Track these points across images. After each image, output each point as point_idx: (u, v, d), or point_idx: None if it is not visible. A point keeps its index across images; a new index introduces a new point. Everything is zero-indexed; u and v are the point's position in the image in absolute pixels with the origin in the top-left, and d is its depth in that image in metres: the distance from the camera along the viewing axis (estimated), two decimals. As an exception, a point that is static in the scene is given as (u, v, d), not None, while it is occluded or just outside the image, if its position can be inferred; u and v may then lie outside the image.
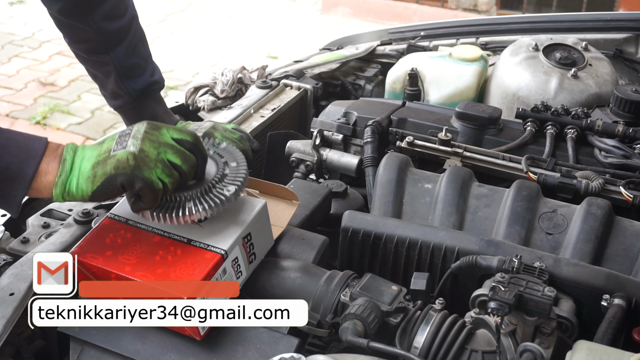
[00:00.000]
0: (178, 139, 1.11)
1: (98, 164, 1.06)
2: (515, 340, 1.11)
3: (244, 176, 1.18)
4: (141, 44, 1.54)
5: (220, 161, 1.21)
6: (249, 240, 1.20)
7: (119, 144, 1.07)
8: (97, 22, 1.44)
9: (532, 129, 1.78)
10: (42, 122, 4.39)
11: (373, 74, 2.43)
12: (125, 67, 1.50)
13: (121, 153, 1.05)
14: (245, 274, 1.21)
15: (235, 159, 1.22)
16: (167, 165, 1.07)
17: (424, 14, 6.20)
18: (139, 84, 1.52)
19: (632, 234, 1.38)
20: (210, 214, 1.14)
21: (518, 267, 1.18)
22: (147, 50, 1.56)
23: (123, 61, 1.49)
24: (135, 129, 1.09)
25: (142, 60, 1.53)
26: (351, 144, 1.86)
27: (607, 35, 2.45)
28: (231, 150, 1.24)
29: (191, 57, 5.49)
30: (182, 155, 1.09)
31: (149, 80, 1.53)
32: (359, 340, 1.08)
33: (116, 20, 1.46)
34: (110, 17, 1.45)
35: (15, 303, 1.16)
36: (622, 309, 1.14)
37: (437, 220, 1.45)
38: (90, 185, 1.06)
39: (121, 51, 1.48)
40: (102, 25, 1.44)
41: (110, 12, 1.45)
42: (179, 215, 1.12)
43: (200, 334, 1.12)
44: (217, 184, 1.16)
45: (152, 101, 1.56)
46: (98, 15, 1.43)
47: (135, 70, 1.51)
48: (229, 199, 1.14)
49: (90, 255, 1.14)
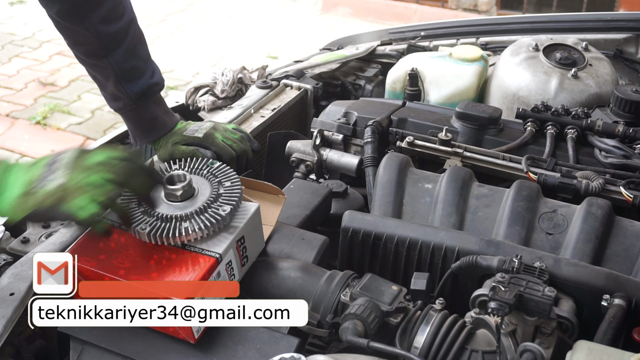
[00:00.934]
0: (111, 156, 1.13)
1: (26, 195, 1.06)
2: (516, 340, 1.11)
3: (238, 195, 1.20)
4: (140, 45, 1.53)
5: (214, 181, 1.22)
6: (242, 244, 1.20)
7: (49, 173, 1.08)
8: (95, 26, 1.43)
9: (532, 129, 1.78)
10: (42, 122, 4.40)
11: (373, 74, 2.43)
12: (124, 70, 1.49)
13: (49, 186, 1.06)
14: (237, 277, 1.21)
15: (229, 178, 1.23)
16: (97, 185, 1.08)
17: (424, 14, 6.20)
18: (138, 86, 1.51)
19: (632, 234, 1.38)
20: (206, 234, 1.15)
21: (518, 267, 1.18)
22: (146, 52, 1.56)
23: (121, 64, 1.48)
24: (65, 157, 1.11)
25: (141, 63, 1.53)
26: (351, 144, 1.86)
27: (608, 36, 2.45)
28: (224, 169, 1.25)
29: (191, 57, 5.50)
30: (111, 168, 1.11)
31: (148, 82, 1.53)
32: (359, 340, 1.08)
33: (114, 24, 1.46)
34: (108, 20, 1.45)
35: (15, 303, 1.16)
36: (622, 309, 1.14)
37: (437, 220, 1.45)
38: (18, 214, 1.07)
39: (119, 55, 1.48)
40: (100, 29, 1.44)
41: (107, 15, 1.44)
42: (175, 235, 1.13)
43: (195, 337, 1.11)
44: (212, 204, 1.17)
45: (152, 103, 1.56)
46: (95, 18, 1.43)
47: (134, 73, 1.51)
48: (224, 218, 1.15)
49: (83, 258, 1.14)
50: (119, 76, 1.49)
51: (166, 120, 1.58)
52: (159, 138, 1.57)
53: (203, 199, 1.18)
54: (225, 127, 1.60)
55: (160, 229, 1.13)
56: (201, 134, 1.55)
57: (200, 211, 1.16)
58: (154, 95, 1.55)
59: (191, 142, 1.54)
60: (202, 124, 1.58)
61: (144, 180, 1.16)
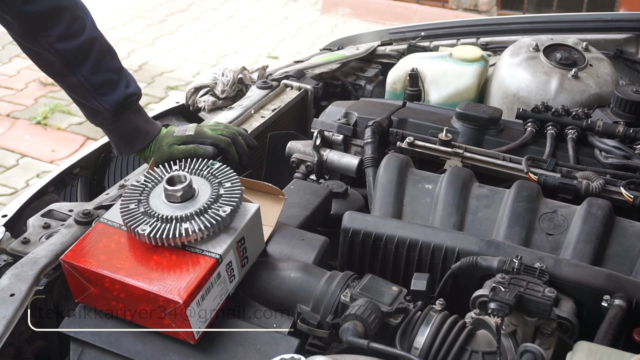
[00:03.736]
0: None
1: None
2: (516, 341, 1.11)
3: (238, 196, 1.20)
4: (109, 57, 1.50)
5: (214, 181, 1.22)
6: (243, 244, 1.20)
7: None
8: (52, 45, 1.40)
9: (533, 130, 1.78)
10: (42, 122, 4.39)
11: (373, 74, 2.43)
12: (95, 85, 1.46)
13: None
14: (238, 278, 1.21)
15: (229, 179, 1.23)
16: None
17: (425, 14, 6.19)
18: (114, 99, 1.48)
19: (633, 234, 1.38)
20: (206, 235, 1.15)
21: (518, 267, 1.18)
22: (116, 64, 1.52)
23: (91, 79, 1.45)
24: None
25: (112, 75, 1.50)
26: (351, 144, 1.86)
27: (608, 36, 2.45)
28: (225, 170, 1.25)
29: (191, 57, 5.49)
30: None
31: (125, 93, 1.50)
32: (359, 340, 1.08)
33: (73, 39, 1.43)
34: (66, 37, 1.42)
35: (15, 304, 1.16)
36: (622, 309, 1.14)
37: (438, 220, 1.45)
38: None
39: (86, 70, 1.45)
40: (59, 47, 1.41)
41: (64, 32, 1.41)
42: (175, 236, 1.13)
43: (195, 338, 1.11)
44: (212, 205, 1.17)
45: (132, 113, 1.54)
46: (51, 37, 1.40)
47: (107, 87, 1.48)
48: (224, 219, 1.15)
49: (83, 259, 1.14)
50: (91, 91, 1.47)
51: (149, 128, 1.57)
52: (146, 146, 1.57)
53: (203, 199, 1.18)
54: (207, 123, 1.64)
55: (160, 230, 1.13)
56: (192, 131, 1.56)
57: (201, 212, 1.15)
58: (132, 105, 1.53)
59: (186, 141, 1.55)
60: (186, 125, 1.59)
61: None
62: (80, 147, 4.13)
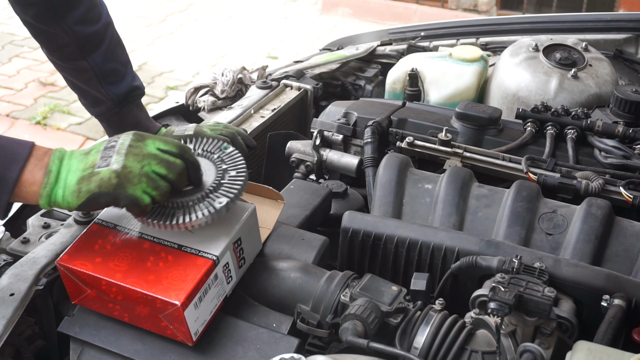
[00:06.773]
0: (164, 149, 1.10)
1: (83, 180, 1.05)
2: (515, 341, 1.11)
3: (239, 188, 1.16)
4: (119, 49, 1.53)
5: (220, 168, 1.19)
6: (239, 245, 1.20)
7: (104, 159, 1.07)
8: (71, 27, 1.43)
9: (532, 130, 1.78)
10: (42, 122, 4.39)
11: (373, 75, 2.43)
12: (105, 72, 1.48)
13: (104, 171, 1.05)
14: (235, 279, 1.21)
15: (236, 167, 1.19)
16: (151, 178, 1.06)
17: (424, 14, 6.20)
18: (120, 88, 1.50)
19: (632, 234, 1.38)
20: (201, 224, 1.12)
21: (518, 267, 1.18)
22: (125, 56, 1.55)
23: (101, 66, 1.47)
24: (120, 142, 1.09)
25: (121, 66, 1.52)
26: (351, 144, 1.86)
27: (607, 36, 2.45)
28: (234, 156, 1.21)
29: (191, 57, 5.49)
30: (167, 164, 1.08)
31: (131, 84, 1.52)
32: (359, 340, 1.08)
33: (91, 25, 1.46)
34: (84, 21, 1.44)
35: (15, 303, 1.15)
36: (622, 309, 1.14)
37: (437, 220, 1.46)
38: (76, 200, 1.05)
39: (99, 56, 1.47)
40: (77, 30, 1.44)
41: (83, 16, 1.44)
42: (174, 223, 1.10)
43: (193, 340, 1.11)
44: (210, 194, 1.14)
45: (134, 107, 1.54)
46: (72, 19, 1.43)
47: (115, 75, 1.49)
48: (219, 211, 1.12)
49: (79, 262, 1.13)
50: (100, 78, 1.48)
51: (149, 125, 1.57)
52: None
53: (205, 186, 1.15)
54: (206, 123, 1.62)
55: (154, 214, 1.11)
56: (191, 131, 1.55)
57: (198, 200, 1.13)
58: (136, 99, 1.54)
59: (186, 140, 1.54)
60: (186, 125, 1.59)
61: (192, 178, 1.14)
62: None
